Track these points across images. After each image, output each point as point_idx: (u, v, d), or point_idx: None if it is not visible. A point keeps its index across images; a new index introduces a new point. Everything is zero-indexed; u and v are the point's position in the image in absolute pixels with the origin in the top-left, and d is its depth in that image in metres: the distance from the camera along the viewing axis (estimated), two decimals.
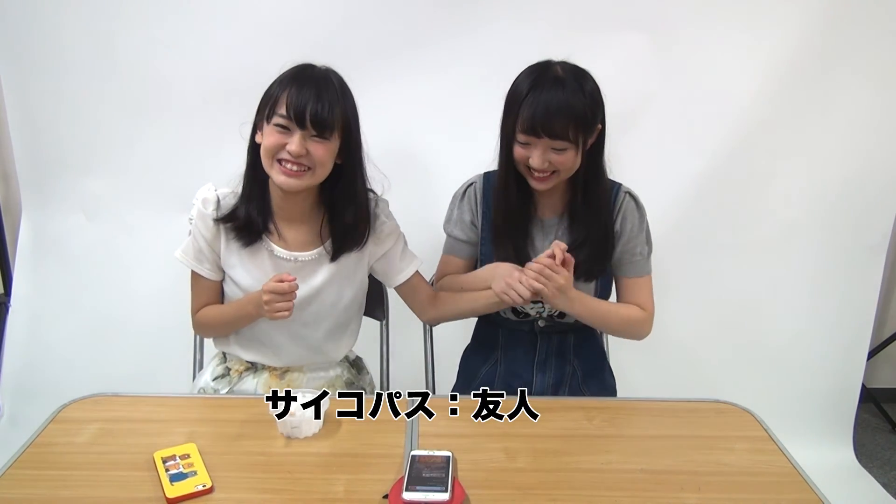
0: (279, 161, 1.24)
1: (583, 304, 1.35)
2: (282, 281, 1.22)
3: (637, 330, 1.44)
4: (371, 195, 1.39)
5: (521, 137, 1.28)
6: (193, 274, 1.39)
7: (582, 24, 1.93)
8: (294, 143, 1.22)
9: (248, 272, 1.35)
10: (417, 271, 1.46)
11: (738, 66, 1.96)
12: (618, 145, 1.96)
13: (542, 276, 1.26)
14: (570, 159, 1.28)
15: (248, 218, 1.32)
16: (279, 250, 1.34)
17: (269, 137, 1.23)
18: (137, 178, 2.07)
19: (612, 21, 1.93)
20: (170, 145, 2.01)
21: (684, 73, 1.98)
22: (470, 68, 1.92)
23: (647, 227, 1.43)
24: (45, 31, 1.95)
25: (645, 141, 2.02)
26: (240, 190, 1.35)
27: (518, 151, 1.30)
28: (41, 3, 1.92)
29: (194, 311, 1.42)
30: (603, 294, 1.46)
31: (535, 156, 1.27)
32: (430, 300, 1.47)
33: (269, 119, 1.23)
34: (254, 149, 1.30)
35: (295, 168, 1.24)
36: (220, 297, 1.43)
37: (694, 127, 2.02)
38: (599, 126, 1.32)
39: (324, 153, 1.25)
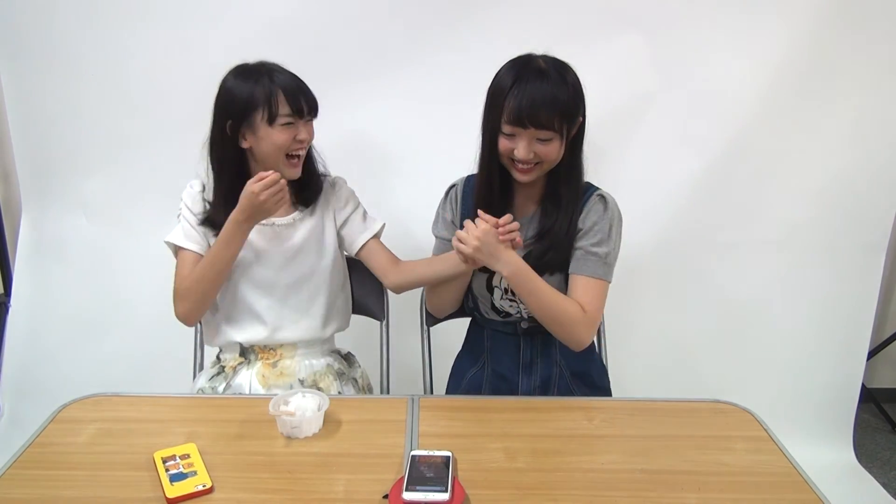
0: (287, 156, 1.36)
1: (522, 274, 1.30)
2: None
3: (571, 329, 1.34)
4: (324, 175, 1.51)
5: (506, 129, 1.29)
6: (180, 253, 1.41)
7: (582, 24, 1.93)
8: (304, 130, 1.36)
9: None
10: (379, 238, 1.52)
11: (737, 67, 1.96)
12: (618, 145, 1.98)
13: (459, 237, 1.30)
14: (554, 150, 1.29)
15: (223, 219, 1.36)
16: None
17: (279, 136, 1.33)
18: (137, 178, 2.07)
19: (611, 21, 1.94)
20: (170, 145, 2.01)
21: (684, 74, 1.98)
22: (468, 68, 1.92)
23: (613, 232, 1.38)
24: (45, 32, 1.95)
25: (644, 141, 2.03)
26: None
27: (503, 143, 1.31)
28: (41, 3, 1.92)
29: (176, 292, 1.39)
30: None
31: (520, 147, 1.28)
32: (391, 264, 1.50)
33: (270, 122, 1.31)
34: (233, 154, 1.36)
35: (301, 155, 1.38)
36: None
37: (693, 127, 2.02)
38: (581, 118, 1.32)
39: (313, 131, 1.41)
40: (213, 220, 1.40)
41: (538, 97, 1.24)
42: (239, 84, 1.33)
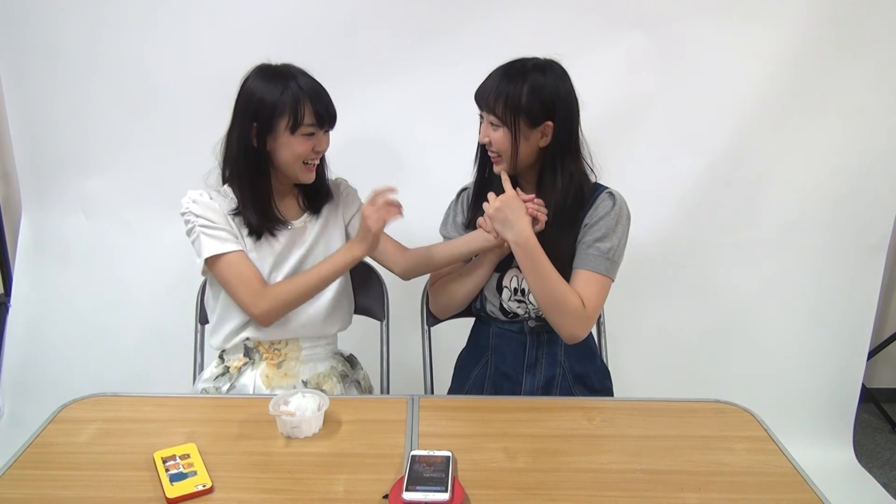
0: (304, 162, 1.37)
1: (530, 248, 1.31)
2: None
3: (566, 319, 1.34)
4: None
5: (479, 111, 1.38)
6: (226, 258, 1.35)
7: (583, 22, 1.93)
8: (323, 142, 1.39)
9: (257, 259, 1.40)
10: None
11: (738, 66, 1.96)
12: (618, 144, 1.98)
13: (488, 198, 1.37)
14: (501, 138, 1.34)
15: (257, 221, 1.39)
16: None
17: (300, 146, 1.34)
18: (137, 177, 2.07)
19: (611, 21, 1.94)
20: (169, 145, 2.02)
21: (684, 73, 1.98)
22: (469, 67, 1.92)
23: (619, 229, 1.38)
24: (45, 32, 1.96)
25: (645, 140, 2.03)
26: (231, 194, 1.40)
27: (480, 126, 1.39)
28: (41, 3, 1.93)
29: (257, 290, 1.35)
30: None
31: (481, 129, 1.38)
32: (399, 250, 1.50)
33: (293, 130, 1.32)
34: (256, 155, 1.35)
35: (316, 163, 1.40)
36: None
37: (694, 127, 2.02)
38: (551, 123, 1.33)
39: (330, 140, 1.42)
40: (249, 226, 1.39)
41: (493, 83, 1.33)
42: (264, 86, 1.32)
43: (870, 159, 2.07)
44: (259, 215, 1.38)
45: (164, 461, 1.05)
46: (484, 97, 1.34)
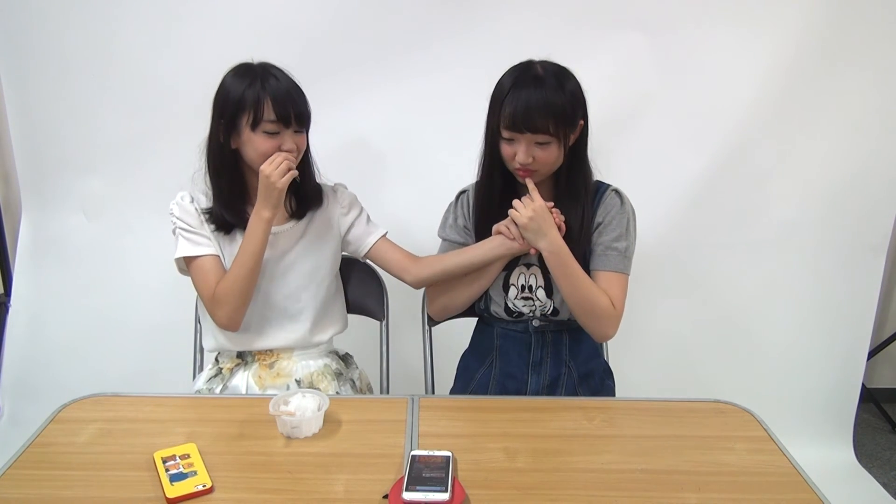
0: None
1: (562, 255, 1.33)
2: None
3: (599, 320, 1.37)
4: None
5: (505, 134, 1.32)
6: (194, 263, 1.38)
7: (582, 24, 1.93)
8: (288, 142, 1.33)
9: (230, 254, 1.40)
10: (386, 237, 1.52)
11: (738, 66, 1.96)
12: (618, 145, 1.98)
13: (515, 206, 1.35)
14: (552, 154, 1.32)
15: (227, 217, 1.39)
16: None
17: (262, 144, 1.32)
18: (137, 178, 2.07)
19: (612, 21, 1.94)
20: (170, 145, 2.01)
21: (684, 73, 1.98)
22: (468, 70, 1.92)
23: (630, 226, 1.41)
24: (46, 32, 1.95)
25: (645, 141, 2.03)
26: (208, 191, 1.40)
27: (505, 149, 1.34)
28: (42, 3, 1.93)
29: (211, 293, 1.36)
30: None
31: (520, 151, 1.31)
32: (409, 259, 1.49)
33: (253, 127, 1.31)
34: (222, 151, 1.35)
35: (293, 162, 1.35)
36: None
37: (694, 127, 2.02)
38: (581, 122, 1.34)
39: (304, 142, 1.38)
40: (217, 220, 1.39)
41: (532, 102, 1.27)
42: (233, 83, 1.32)
43: (869, 159, 2.07)
44: (225, 210, 1.38)
45: (164, 461, 1.05)
46: (529, 119, 1.27)
